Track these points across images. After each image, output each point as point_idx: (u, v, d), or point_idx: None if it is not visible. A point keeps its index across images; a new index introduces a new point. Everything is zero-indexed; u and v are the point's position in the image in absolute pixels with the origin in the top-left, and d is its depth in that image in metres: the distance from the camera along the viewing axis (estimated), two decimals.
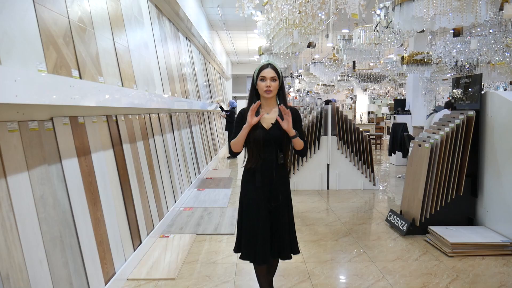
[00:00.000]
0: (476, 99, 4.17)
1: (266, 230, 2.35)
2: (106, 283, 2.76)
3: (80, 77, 2.48)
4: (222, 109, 10.96)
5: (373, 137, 13.85)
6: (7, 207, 1.88)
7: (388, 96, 19.01)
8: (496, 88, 13.12)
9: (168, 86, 5.40)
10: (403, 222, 4.23)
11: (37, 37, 2.03)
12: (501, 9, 3.16)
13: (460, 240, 3.64)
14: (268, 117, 2.37)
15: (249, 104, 2.36)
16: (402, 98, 12.69)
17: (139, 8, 4.50)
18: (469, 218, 4.19)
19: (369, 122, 18.07)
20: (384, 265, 3.38)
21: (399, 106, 10.05)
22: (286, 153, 2.41)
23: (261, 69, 2.33)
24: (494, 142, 3.94)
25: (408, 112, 9.67)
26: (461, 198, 4.14)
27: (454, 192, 4.13)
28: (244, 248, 2.41)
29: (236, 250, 2.52)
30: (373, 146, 13.76)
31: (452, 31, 4.70)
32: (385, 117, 17.88)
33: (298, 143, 2.36)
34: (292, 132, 2.29)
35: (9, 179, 1.92)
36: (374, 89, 17.03)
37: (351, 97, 19.98)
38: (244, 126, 2.30)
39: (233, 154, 2.47)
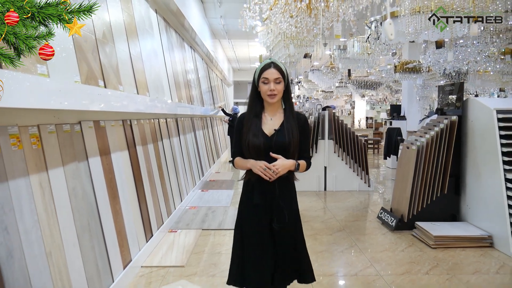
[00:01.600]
0: (458, 105, 4.54)
1: (268, 256, 2.05)
2: (124, 268, 3.12)
3: (105, 86, 2.86)
4: (225, 113, 11.32)
5: (371, 142, 14.22)
6: (49, 195, 2.25)
7: (386, 102, 19.40)
8: (491, 95, 13.49)
9: (175, 92, 5.78)
10: (393, 219, 4.58)
11: (73, 54, 2.42)
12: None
13: (442, 234, 4.00)
14: (272, 122, 2.07)
15: (250, 109, 2.09)
16: (398, 104, 13.07)
17: (150, 21, 4.89)
18: (453, 215, 4.55)
19: (367, 128, 18.45)
20: (373, 255, 3.74)
21: (395, 111, 10.42)
22: None
23: (263, 69, 2.01)
24: (475, 145, 4.30)
25: (403, 118, 10.03)
26: (445, 196, 4.50)
27: (439, 190, 4.49)
28: (248, 276, 2.08)
29: (229, 281, 2.15)
30: (371, 151, 14.15)
31: (435, 43, 5.09)
32: (383, 123, 18.26)
33: (301, 169, 2.08)
34: (291, 166, 2.02)
35: (50, 172, 2.29)
36: (372, 95, 17.43)
37: (350, 103, 20.39)
38: (251, 163, 2.01)
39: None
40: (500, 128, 3.88)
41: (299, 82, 15.96)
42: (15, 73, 1.62)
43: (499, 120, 3.91)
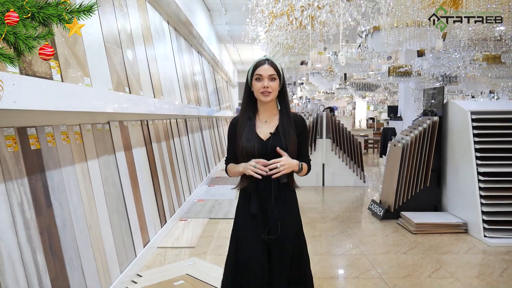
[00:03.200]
0: (440, 107, 5.05)
1: (262, 273, 1.90)
2: (144, 246, 3.65)
3: (130, 92, 3.41)
4: None
5: (372, 141, 14.71)
6: (88, 181, 2.79)
7: (386, 103, 19.87)
8: (487, 96, 13.96)
9: (185, 95, 6.33)
10: (381, 209, 5.09)
11: (107, 67, 2.96)
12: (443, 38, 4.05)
13: (423, 221, 4.50)
14: (267, 125, 1.95)
15: (243, 111, 1.98)
16: (396, 105, 13.55)
17: (163, 31, 5.44)
18: (435, 205, 5.05)
19: (368, 128, 18.94)
20: (360, 239, 4.25)
21: (392, 112, 10.92)
22: None
23: (257, 66, 1.88)
24: (453, 142, 4.81)
25: (400, 118, 10.52)
26: (428, 189, 5.01)
27: (422, 183, 4.99)
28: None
29: (223, 286, 2.05)
30: (371, 150, 14.63)
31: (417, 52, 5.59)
32: (384, 123, 18.73)
33: (303, 171, 1.98)
34: (295, 166, 1.89)
35: (88, 163, 2.83)
36: (374, 96, 17.91)
37: (351, 104, 20.89)
38: (242, 166, 1.92)
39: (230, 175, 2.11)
40: (474, 128, 4.38)
41: (302, 83, 16.49)
42: (77, 86, 2.17)
43: (473, 120, 4.41)
